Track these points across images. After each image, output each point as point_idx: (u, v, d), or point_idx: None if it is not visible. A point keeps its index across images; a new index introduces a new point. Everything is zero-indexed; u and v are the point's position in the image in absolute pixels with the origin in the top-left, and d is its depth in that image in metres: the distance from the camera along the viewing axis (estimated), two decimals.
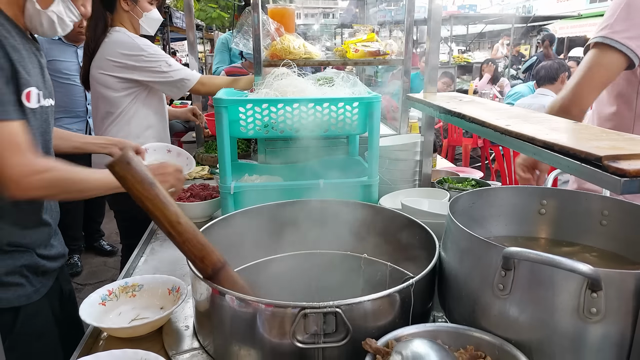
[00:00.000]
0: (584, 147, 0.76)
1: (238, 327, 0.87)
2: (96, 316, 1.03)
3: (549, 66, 3.32)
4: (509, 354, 0.79)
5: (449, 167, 2.34)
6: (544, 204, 1.14)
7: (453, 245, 0.95)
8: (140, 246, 1.48)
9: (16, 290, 1.17)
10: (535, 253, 0.73)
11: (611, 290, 0.72)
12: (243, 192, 1.51)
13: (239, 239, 1.18)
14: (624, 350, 0.73)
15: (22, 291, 1.18)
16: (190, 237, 0.87)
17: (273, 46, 1.87)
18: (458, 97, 1.49)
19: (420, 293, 0.91)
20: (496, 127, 1.00)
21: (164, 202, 0.83)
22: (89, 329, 1.03)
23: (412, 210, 1.32)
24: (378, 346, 0.78)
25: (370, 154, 1.54)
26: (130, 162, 0.79)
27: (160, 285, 1.14)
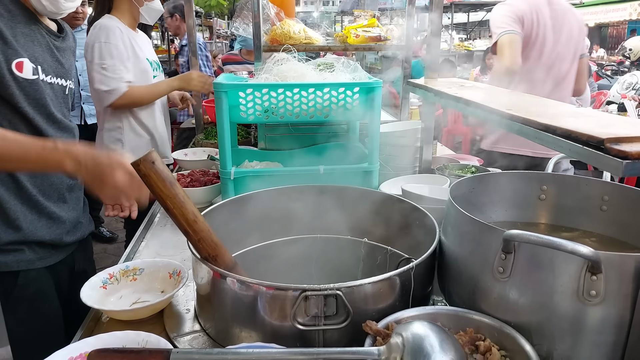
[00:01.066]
0: (585, 130, 0.76)
1: (239, 310, 0.87)
2: (97, 299, 1.04)
3: None
4: (509, 336, 0.80)
5: (449, 154, 2.33)
6: (544, 189, 1.14)
7: (453, 229, 0.95)
8: (140, 230, 1.48)
9: (16, 255, 1.24)
10: (536, 235, 0.73)
11: (611, 273, 0.72)
12: (243, 178, 1.51)
13: (239, 224, 1.18)
14: (622, 332, 0.74)
15: (22, 256, 1.25)
16: (205, 236, 0.89)
17: (273, 31, 1.85)
18: (459, 83, 1.49)
19: (421, 276, 0.91)
20: (497, 111, 0.99)
21: (182, 201, 0.86)
22: (90, 312, 1.03)
23: (413, 195, 1.32)
24: (379, 328, 0.79)
25: (370, 140, 1.54)
26: (155, 161, 0.83)
27: (160, 269, 1.15)
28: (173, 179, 0.85)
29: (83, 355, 0.79)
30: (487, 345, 0.79)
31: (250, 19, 2.02)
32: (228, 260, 0.92)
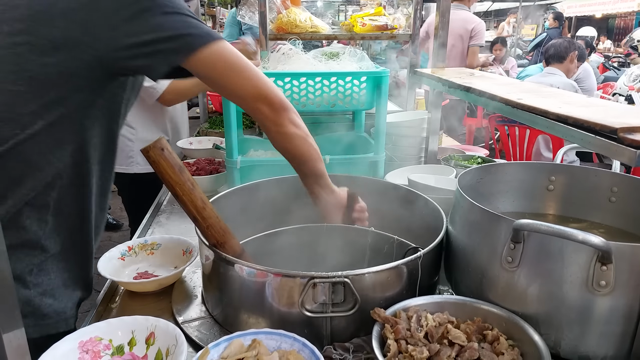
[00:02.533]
0: (598, 119, 0.75)
1: (247, 296, 0.87)
2: (112, 270, 1.08)
3: (559, 44, 3.26)
4: (517, 325, 0.80)
5: (454, 145, 2.32)
6: (552, 180, 1.13)
7: (461, 219, 0.95)
8: (146, 219, 1.49)
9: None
10: (547, 225, 0.73)
11: (621, 263, 0.72)
12: (249, 167, 1.50)
13: (246, 212, 1.18)
14: (631, 322, 0.74)
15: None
16: (214, 223, 0.90)
17: (279, 19, 1.84)
18: (468, 72, 1.47)
19: (428, 265, 0.91)
20: (508, 100, 0.98)
21: (191, 188, 0.86)
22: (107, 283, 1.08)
23: (419, 185, 1.31)
24: (387, 315, 0.79)
25: (377, 130, 1.53)
26: (165, 148, 0.82)
27: (176, 245, 1.18)
28: (182, 166, 0.85)
29: (93, 339, 0.79)
30: (495, 334, 0.79)
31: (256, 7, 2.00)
32: (236, 247, 0.92)
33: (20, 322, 0.56)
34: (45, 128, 0.77)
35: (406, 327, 0.78)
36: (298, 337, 0.78)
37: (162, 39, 0.77)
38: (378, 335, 0.78)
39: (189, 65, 0.82)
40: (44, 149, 0.80)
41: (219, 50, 0.83)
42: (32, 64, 0.74)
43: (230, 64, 0.84)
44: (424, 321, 0.80)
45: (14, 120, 0.75)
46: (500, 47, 6.59)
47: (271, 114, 0.91)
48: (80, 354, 0.77)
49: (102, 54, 0.76)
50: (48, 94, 0.75)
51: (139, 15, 0.76)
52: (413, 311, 0.82)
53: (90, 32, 0.74)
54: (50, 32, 0.73)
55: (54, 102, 0.76)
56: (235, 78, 0.86)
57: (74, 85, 0.77)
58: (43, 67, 0.74)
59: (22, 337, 0.58)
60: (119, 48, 0.76)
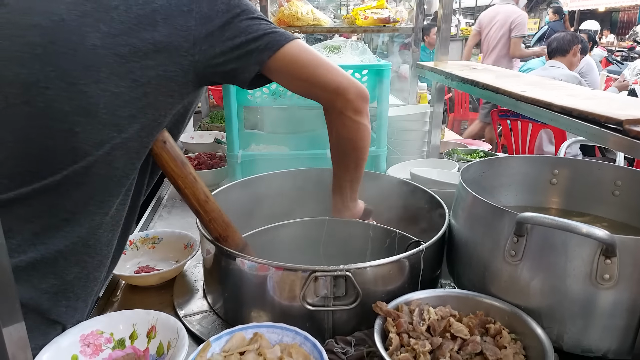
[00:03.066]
0: (603, 111, 0.75)
1: (249, 290, 0.87)
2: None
3: (562, 37, 3.23)
4: (519, 319, 0.79)
5: (457, 139, 2.31)
6: (555, 173, 1.12)
7: (464, 212, 0.94)
8: (148, 213, 1.48)
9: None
10: (550, 218, 0.72)
11: (625, 257, 0.71)
12: (250, 161, 1.50)
13: (247, 206, 1.18)
14: (635, 316, 0.73)
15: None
16: (216, 216, 0.89)
17: (280, 12, 1.82)
18: (471, 65, 1.46)
19: (430, 259, 0.91)
20: (511, 93, 0.98)
21: (194, 181, 0.86)
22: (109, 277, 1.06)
23: (422, 179, 1.31)
24: (389, 309, 0.79)
25: (379, 124, 1.52)
26: (166, 141, 0.82)
27: (177, 240, 1.18)
28: (184, 159, 0.85)
29: (94, 333, 0.79)
30: (498, 328, 0.79)
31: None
32: (239, 241, 0.92)
33: (20, 315, 0.56)
34: (138, 132, 0.76)
35: (408, 321, 0.78)
36: (300, 331, 0.78)
37: (252, 39, 0.80)
38: (380, 328, 0.77)
39: (274, 63, 0.83)
40: (133, 155, 0.78)
41: (300, 46, 0.85)
42: (134, 66, 0.73)
43: (312, 57, 0.87)
44: (426, 315, 0.79)
45: (114, 123, 0.74)
46: None
47: (355, 102, 0.91)
48: (82, 348, 0.77)
49: (197, 59, 0.77)
50: (146, 97, 0.75)
51: (231, 21, 0.79)
52: (415, 305, 0.81)
53: (189, 38, 0.76)
54: (152, 35, 0.74)
55: (150, 106, 0.76)
56: (318, 70, 0.87)
57: (168, 90, 0.77)
58: (145, 70, 0.74)
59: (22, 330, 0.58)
60: (214, 55, 0.78)
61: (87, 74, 0.71)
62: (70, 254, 0.76)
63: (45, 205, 0.74)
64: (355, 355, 0.77)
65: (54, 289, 0.76)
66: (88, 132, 0.73)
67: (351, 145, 0.99)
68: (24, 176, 0.73)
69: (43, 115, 0.71)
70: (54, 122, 0.72)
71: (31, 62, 0.71)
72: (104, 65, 0.72)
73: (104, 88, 0.72)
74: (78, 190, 0.74)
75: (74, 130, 0.72)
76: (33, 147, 0.72)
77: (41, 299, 0.75)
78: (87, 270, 0.79)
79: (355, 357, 0.77)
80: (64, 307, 0.78)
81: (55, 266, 0.75)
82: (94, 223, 0.77)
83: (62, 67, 0.71)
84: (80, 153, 0.73)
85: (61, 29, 0.71)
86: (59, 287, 0.76)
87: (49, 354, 0.73)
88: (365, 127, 0.95)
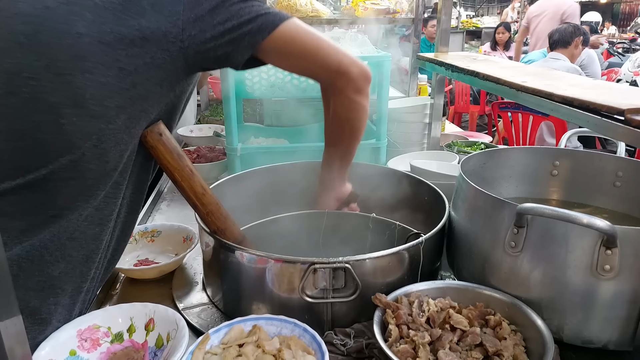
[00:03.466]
0: (605, 101, 0.74)
1: (248, 283, 0.87)
2: None
3: (564, 29, 3.21)
4: (519, 311, 0.79)
5: (457, 132, 2.30)
6: (556, 165, 1.12)
7: (464, 204, 0.94)
8: (147, 206, 1.48)
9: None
10: (551, 209, 0.71)
11: (627, 248, 0.70)
12: (250, 154, 1.49)
13: (246, 199, 1.17)
14: (636, 307, 0.73)
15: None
16: (214, 209, 0.88)
17: (279, 3, 1.81)
18: (471, 57, 1.45)
19: (430, 251, 0.90)
20: (512, 83, 0.97)
21: (190, 174, 0.85)
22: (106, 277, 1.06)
23: (422, 171, 1.30)
24: (388, 301, 0.78)
25: (379, 116, 1.51)
26: (162, 133, 0.80)
27: (176, 233, 1.18)
28: (181, 151, 0.84)
29: (91, 327, 0.79)
30: (497, 319, 0.79)
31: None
32: (237, 234, 0.91)
33: (17, 309, 0.55)
34: (125, 123, 0.74)
35: (408, 313, 0.77)
36: (299, 323, 0.77)
37: (244, 22, 0.77)
38: (379, 320, 0.77)
39: (269, 45, 0.79)
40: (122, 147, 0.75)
41: (296, 25, 0.82)
42: (121, 54, 0.70)
43: (310, 37, 0.84)
44: (426, 306, 0.79)
45: (102, 114, 0.71)
46: (503, 31, 6.47)
47: (357, 81, 0.88)
48: (79, 342, 0.77)
49: (187, 46, 0.74)
50: (135, 87, 0.72)
51: (221, 4, 0.76)
52: (414, 296, 0.81)
53: (178, 23, 0.73)
54: (139, 22, 0.71)
55: (139, 96, 0.74)
56: (318, 49, 0.85)
57: (157, 79, 0.74)
58: (132, 58, 0.71)
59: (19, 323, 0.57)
60: (204, 40, 0.75)
61: (72, 63, 0.68)
62: (56, 249, 0.73)
63: (33, 200, 0.71)
64: (354, 347, 0.77)
65: (40, 286, 0.73)
66: (75, 124, 0.70)
67: (348, 125, 0.96)
68: (8, 171, 0.70)
69: (29, 107, 0.68)
70: (40, 113, 0.69)
71: (15, 52, 0.68)
72: (89, 54, 0.69)
73: (91, 78, 0.69)
74: (67, 185, 0.72)
75: (60, 122, 0.69)
76: (20, 139, 0.69)
77: (28, 296, 0.72)
78: (72, 264, 0.76)
79: (355, 349, 0.77)
80: (53, 304, 0.75)
81: (41, 262, 0.73)
82: (80, 217, 0.75)
83: (47, 56, 0.68)
84: (68, 146, 0.70)
85: (45, 17, 0.68)
86: (44, 284, 0.74)
87: (47, 350, 0.72)
88: (364, 108, 0.93)
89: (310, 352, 0.72)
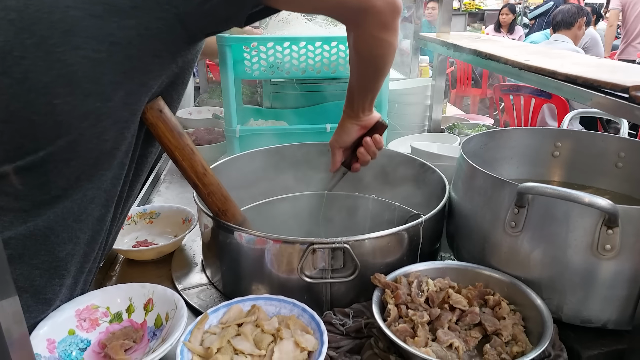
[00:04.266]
0: (609, 78, 0.72)
1: (247, 263, 0.87)
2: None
3: (567, 10, 3.16)
4: (519, 290, 0.79)
5: (459, 114, 2.28)
6: (558, 145, 1.10)
7: (464, 185, 0.93)
8: (146, 188, 1.47)
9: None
10: (552, 188, 0.71)
11: (628, 227, 0.70)
12: (249, 136, 1.48)
13: (245, 180, 1.16)
14: (636, 286, 0.72)
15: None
16: (215, 190, 0.87)
17: None
18: (474, 36, 1.43)
19: (429, 232, 0.90)
20: (514, 62, 0.95)
21: (191, 152, 0.83)
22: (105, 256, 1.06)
23: (422, 153, 1.29)
24: (387, 281, 0.78)
25: (379, 97, 1.48)
26: (162, 109, 0.78)
27: (175, 214, 1.17)
28: (182, 130, 0.82)
29: (89, 307, 0.79)
30: (497, 299, 0.79)
31: None
32: (237, 215, 0.90)
33: (13, 289, 0.55)
34: (123, 99, 0.71)
35: (407, 292, 0.77)
36: (297, 303, 0.77)
37: None
38: (378, 300, 0.77)
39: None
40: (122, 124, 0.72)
41: None
42: (112, 27, 0.67)
43: None
44: (425, 286, 0.79)
45: (97, 92, 0.68)
46: (507, 12, 6.34)
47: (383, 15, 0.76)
48: (78, 322, 0.77)
49: (182, 10, 0.69)
50: (130, 60, 0.69)
51: None
52: (414, 277, 0.81)
53: None
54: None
55: (135, 70, 0.70)
56: None
57: (154, 50, 0.70)
58: (124, 30, 0.67)
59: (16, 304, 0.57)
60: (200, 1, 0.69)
61: (63, 40, 0.66)
62: (62, 231, 0.73)
63: (34, 181, 0.70)
64: (353, 327, 0.77)
65: (46, 266, 0.73)
66: (70, 104, 0.68)
67: (372, 64, 0.87)
68: (7, 152, 0.68)
69: (22, 87, 0.66)
70: (34, 94, 0.66)
71: (6, 29, 0.65)
72: (80, 29, 0.66)
73: (83, 54, 0.66)
74: (68, 166, 0.70)
75: (54, 103, 0.67)
76: (16, 121, 0.67)
77: (33, 274, 0.72)
78: (79, 246, 0.76)
79: (354, 329, 0.77)
80: (58, 285, 0.75)
81: (46, 242, 0.72)
82: (86, 198, 0.73)
83: (38, 33, 0.65)
84: (65, 126, 0.68)
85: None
86: (50, 264, 0.73)
87: (46, 329, 0.73)
88: (390, 45, 0.82)
89: (309, 332, 0.73)
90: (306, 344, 0.69)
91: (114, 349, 0.73)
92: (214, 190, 0.87)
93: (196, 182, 0.86)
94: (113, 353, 0.73)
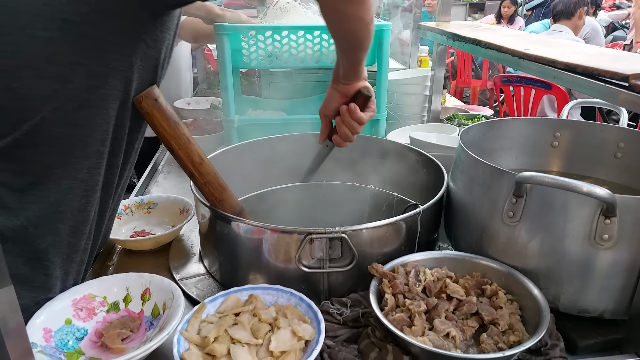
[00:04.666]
0: (609, 67, 0.72)
1: (245, 253, 0.86)
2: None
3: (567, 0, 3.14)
4: (516, 280, 0.79)
5: (458, 105, 2.27)
6: (557, 136, 1.10)
7: (462, 175, 0.93)
8: (144, 178, 1.47)
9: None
10: (550, 177, 0.70)
11: (626, 217, 0.70)
12: (247, 127, 1.47)
13: (243, 170, 1.16)
14: (633, 276, 0.72)
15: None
16: (212, 179, 0.86)
17: None
18: (474, 25, 1.41)
19: (427, 222, 0.89)
20: (514, 51, 0.94)
21: (187, 141, 0.82)
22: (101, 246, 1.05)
23: (421, 143, 1.28)
24: (384, 270, 0.78)
25: (378, 87, 1.48)
26: (158, 98, 0.77)
27: (173, 204, 1.17)
28: (177, 119, 0.81)
29: (86, 297, 0.79)
30: (494, 289, 0.79)
31: None
32: (235, 204, 0.90)
33: (9, 278, 0.54)
34: (86, 81, 0.67)
35: (404, 282, 0.77)
36: (295, 292, 0.77)
37: None
38: (375, 289, 0.77)
39: None
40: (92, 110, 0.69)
41: None
42: (62, 2, 0.62)
43: None
44: (422, 276, 0.79)
45: (54, 73, 0.65)
46: (509, 5, 6.31)
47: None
48: (75, 312, 0.77)
49: None
50: (86, 37, 0.65)
51: None
52: (411, 266, 0.81)
53: None
54: None
55: (94, 49, 0.66)
56: None
57: (110, 27, 0.66)
58: (75, 5, 0.63)
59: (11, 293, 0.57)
60: None
61: (11, 20, 0.62)
62: (40, 222, 0.71)
63: (8, 168, 0.68)
64: (350, 316, 0.77)
65: (27, 256, 0.71)
66: (27, 87, 0.65)
67: (346, 41, 0.82)
68: None
69: None
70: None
71: None
72: (27, 6, 0.62)
73: (31, 34, 0.63)
74: (37, 153, 0.68)
75: (11, 86, 0.64)
76: None
77: (17, 262, 0.71)
78: (60, 237, 0.74)
79: (351, 318, 0.77)
80: (43, 275, 0.74)
81: (25, 235, 0.70)
82: (62, 188, 0.71)
83: None
84: (27, 111, 0.65)
85: None
86: (31, 254, 0.72)
87: (42, 318, 0.72)
88: (360, 20, 0.75)
89: (306, 321, 0.73)
90: (303, 333, 0.69)
91: (111, 338, 0.73)
92: (211, 180, 0.86)
93: (192, 171, 0.85)
94: (110, 342, 0.73)
